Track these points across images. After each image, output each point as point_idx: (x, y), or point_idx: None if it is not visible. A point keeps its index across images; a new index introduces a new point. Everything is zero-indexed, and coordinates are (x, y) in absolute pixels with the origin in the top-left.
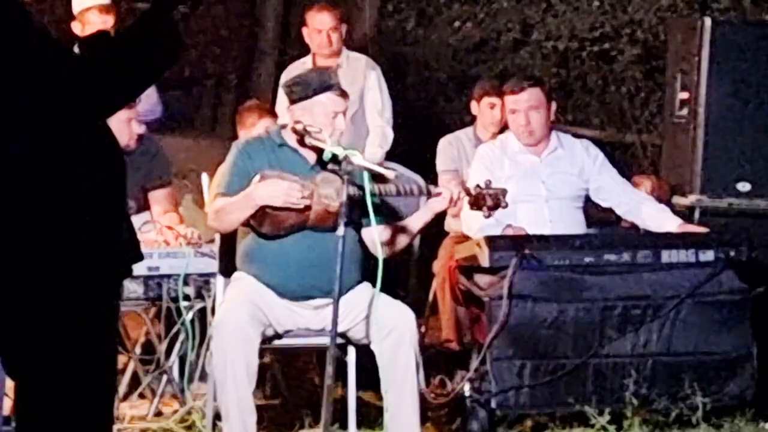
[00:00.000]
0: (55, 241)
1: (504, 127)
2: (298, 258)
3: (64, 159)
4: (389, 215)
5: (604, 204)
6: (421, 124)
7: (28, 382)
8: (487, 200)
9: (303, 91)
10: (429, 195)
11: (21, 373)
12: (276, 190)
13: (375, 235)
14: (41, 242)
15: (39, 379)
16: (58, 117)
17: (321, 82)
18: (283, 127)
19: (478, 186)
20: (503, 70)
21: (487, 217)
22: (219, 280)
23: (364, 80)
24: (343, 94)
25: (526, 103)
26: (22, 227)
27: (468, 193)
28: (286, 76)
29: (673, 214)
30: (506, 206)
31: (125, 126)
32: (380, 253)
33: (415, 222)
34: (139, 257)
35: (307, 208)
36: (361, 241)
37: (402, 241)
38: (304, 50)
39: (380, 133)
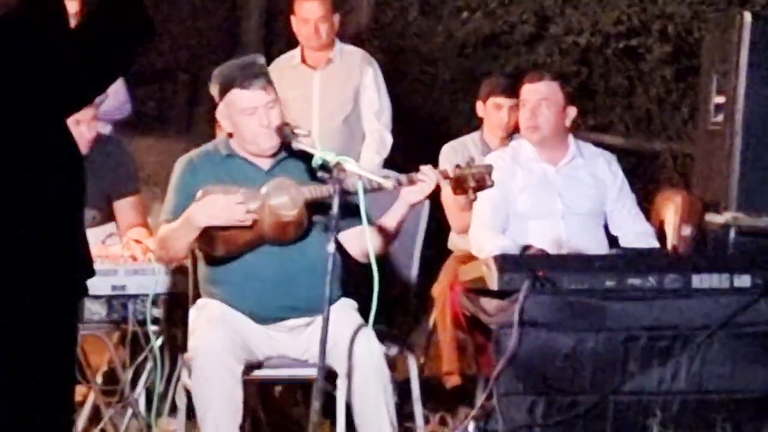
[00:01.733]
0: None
1: (514, 132)
2: (264, 276)
3: (17, 160)
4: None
5: (610, 230)
6: (424, 127)
7: None
8: (469, 181)
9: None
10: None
11: None
12: (215, 209)
13: (370, 250)
14: None
15: None
16: (15, 112)
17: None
18: (230, 135)
19: (458, 166)
20: (516, 68)
21: (473, 200)
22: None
23: (360, 78)
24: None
25: (537, 95)
26: None
27: (446, 175)
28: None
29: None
30: (492, 184)
31: (84, 126)
32: (377, 280)
33: (390, 219)
34: (91, 273)
35: (260, 221)
36: (341, 252)
37: (377, 243)
38: (292, 42)
39: (377, 138)
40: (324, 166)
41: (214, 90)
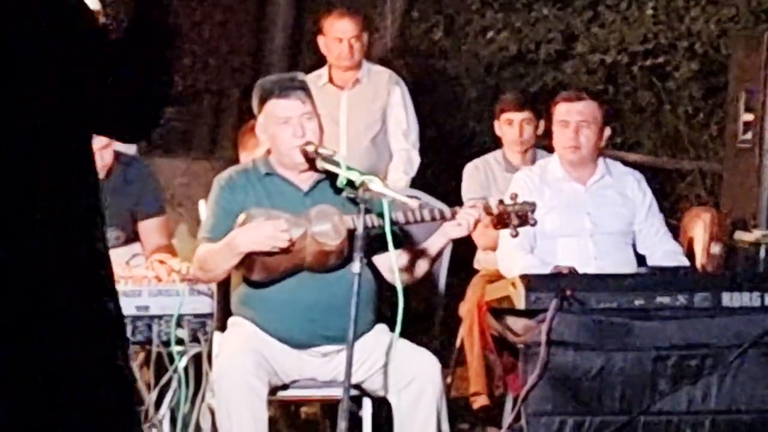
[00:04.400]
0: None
1: (532, 147)
2: (300, 303)
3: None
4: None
5: (638, 249)
6: (450, 146)
7: None
8: (512, 218)
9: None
10: (444, 219)
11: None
12: (259, 236)
13: (395, 272)
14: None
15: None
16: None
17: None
18: (269, 152)
19: (501, 202)
20: (543, 87)
21: (515, 236)
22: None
23: (387, 97)
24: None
25: (579, 116)
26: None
27: (489, 211)
28: None
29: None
30: (535, 223)
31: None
32: (400, 291)
33: (428, 251)
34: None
35: (302, 249)
36: (376, 278)
37: (411, 271)
38: (319, 62)
39: (405, 157)
40: (349, 186)
41: (254, 103)
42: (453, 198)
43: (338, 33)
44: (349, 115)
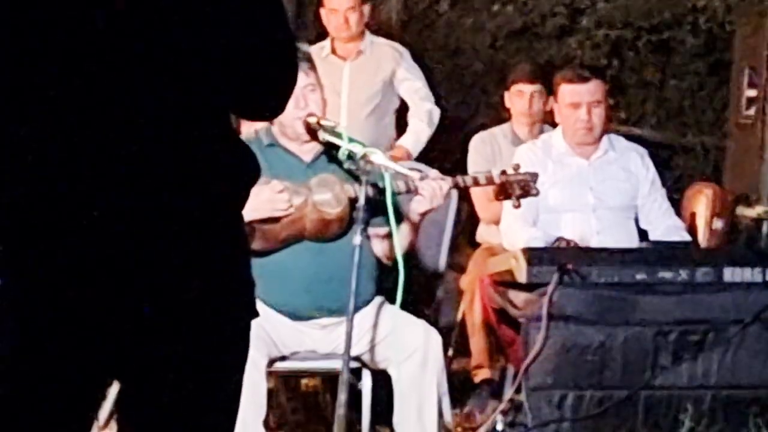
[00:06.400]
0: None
1: (541, 121)
2: (301, 274)
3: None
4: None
5: (640, 224)
6: (455, 120)
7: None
8: (514, 188)
9: None
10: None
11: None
12: (258, 202)
13: (396, 243)
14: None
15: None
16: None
17: None
18: (272, 123)
19: (503, 172)
20: (548, 61)
21: (517, 207)
22: None
23: (391, 70)
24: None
25: (590, 97)
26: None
27: (491, 181)
28: None
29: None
30: (537, 193)
31: None
32: (401, 263)
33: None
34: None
35: (302, 217)
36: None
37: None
38: (321, 35)
39: (425, 109)
40: (351, 158)
41: None
42: (457, 172)
43: (334, 4)
44: (351, 87)
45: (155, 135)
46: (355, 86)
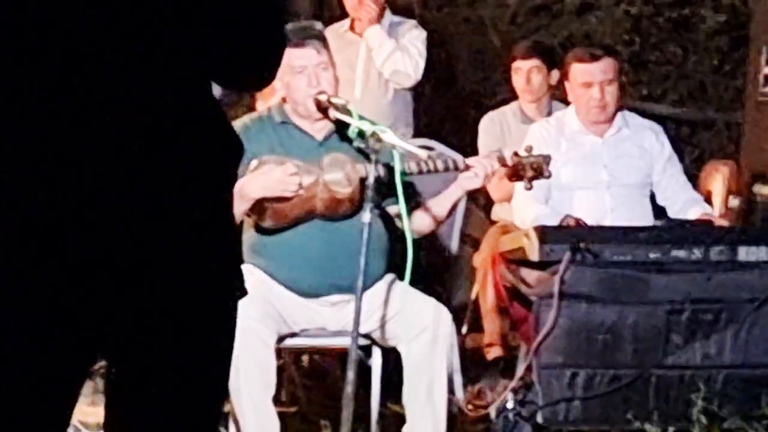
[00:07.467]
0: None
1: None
2: (311, 252)
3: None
4: (414, 196)
5: (657, 201)
6: (473, 96)
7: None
8: (527, 170)
9: None
10: (460, 171)
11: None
12: (270, 180)
13: (405, 222)
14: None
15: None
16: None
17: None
18: (285, 101)
19: (515, 154)
20: (569, 37)
21: (529, 188)
22: None
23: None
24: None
25: (602, 75)
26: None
27: (503, 163)
28: None
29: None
30: (549, 176)
31: None
32: (410, 242)
33: (443, 202)
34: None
35: (312, 196)
36: (388, 227)
37: (425, 223)
38: (343, 13)
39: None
40: (361, 136)
41: None
42: (475, 151)
43: None
44: (367, 64)
45: (139, 110)
46: (370, 62)
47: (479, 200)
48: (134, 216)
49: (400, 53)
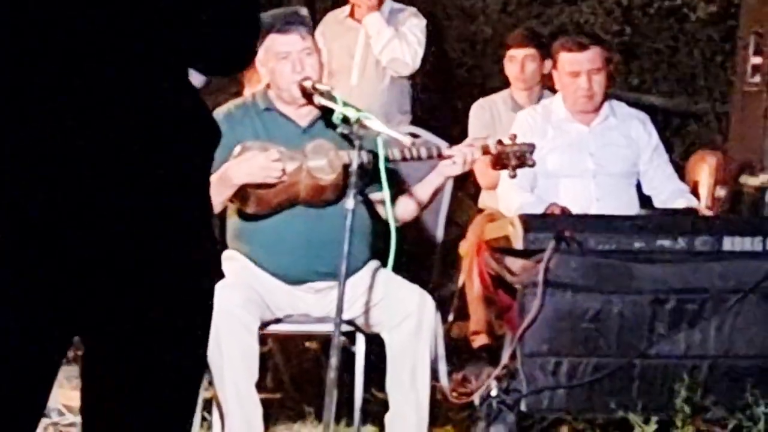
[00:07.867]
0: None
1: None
2: (294, 238)
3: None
4: (397, 183)
5: (643, 190)
6: (465, 85)
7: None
8: (510, 158)
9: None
10: (441, 158)
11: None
12: (253, 167)
13: (388, 208)
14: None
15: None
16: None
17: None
18: (269, 87)
19: (499, 142)
20: (560, 27)
21: (513, 177)
22: None
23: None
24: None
25: (589, 65)
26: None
27: (487, 151)
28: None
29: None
30: (533, 164)
31: None
32: (393, 228)
33: (424, 188)
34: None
35: (296, 182)
36: (371, 214)
37: (408, 210)
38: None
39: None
40: (345, 122)
41: None
42: (467, 136)
43: None
44: (365, 50)
45: (119, 94)
46: (368, 49)
47: (469, 188)
48: (132, 214)
49: (398, 41)
